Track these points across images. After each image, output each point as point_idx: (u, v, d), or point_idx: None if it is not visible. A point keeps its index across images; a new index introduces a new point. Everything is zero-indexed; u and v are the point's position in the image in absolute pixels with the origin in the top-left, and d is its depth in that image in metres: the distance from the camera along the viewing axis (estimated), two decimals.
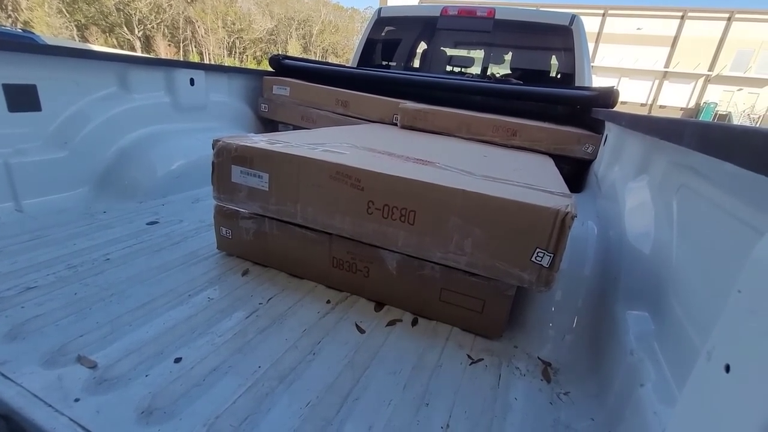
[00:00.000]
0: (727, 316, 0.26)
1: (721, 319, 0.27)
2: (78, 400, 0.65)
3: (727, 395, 0.24)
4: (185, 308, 0.93)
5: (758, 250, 0.25)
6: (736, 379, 0.24)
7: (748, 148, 0.33)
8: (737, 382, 0.24)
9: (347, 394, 0.74)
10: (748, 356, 0.23)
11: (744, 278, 0.25)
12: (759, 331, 0.22)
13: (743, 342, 0.24)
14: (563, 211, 0.76)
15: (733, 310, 0.25)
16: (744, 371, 0.24)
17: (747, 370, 0.23)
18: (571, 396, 0.80)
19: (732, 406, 0.23)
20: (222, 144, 1.04)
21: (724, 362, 0.25)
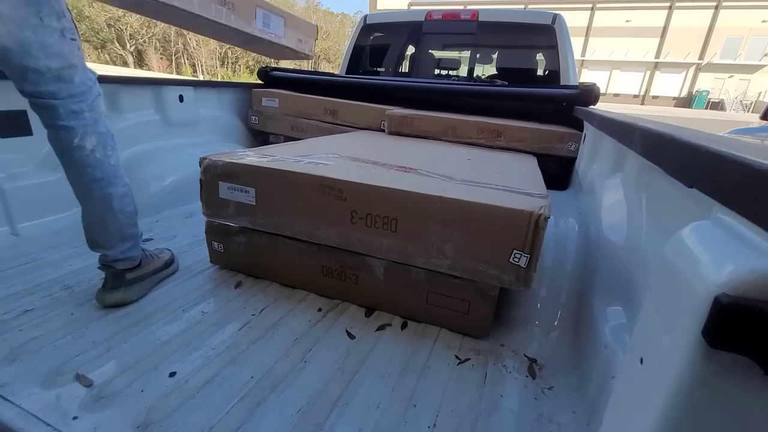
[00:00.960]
0: (642, 314, 0.29)
1: (639, 317, 0.29)
2: (76, 418, 0.68)
3: (641, 384, 0.27)
4: (179, 323, 0.96)
5: (665, 251, 0.27)
6: (647, 370, 0.27)
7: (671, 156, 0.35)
8: (648, 372, 0.26)
9: (337, 399, 0.77)
10: (654, 350, 0.26)
11: (652, 278, 0.28)
12: (660, 327, 0.25)
13: (650, 337, 0.27)
14: (536, 213, 0.79)
15: (645, 308, 0.28)
16: (651, 363, 0.26)
17: (653, 361, 0.26)
18: (554, 390, 0.83)
19: (644, 393, 0.26)
20: (208, 161, 1.07)
21: (639, 355, 0.27)
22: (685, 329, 0.23)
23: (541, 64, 2.89)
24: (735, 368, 0.22)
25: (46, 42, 0.75)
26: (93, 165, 0.89)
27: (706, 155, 0.29)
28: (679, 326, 0.23)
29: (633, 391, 0.28)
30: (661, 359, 0.25)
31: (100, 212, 0.93)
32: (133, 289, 1.01)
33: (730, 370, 0.22)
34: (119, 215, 0.95)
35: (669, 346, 0.24)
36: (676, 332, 0.24)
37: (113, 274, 0.98)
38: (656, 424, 0.24)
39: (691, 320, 0.22)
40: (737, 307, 0.21)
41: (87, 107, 0.86)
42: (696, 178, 0.32)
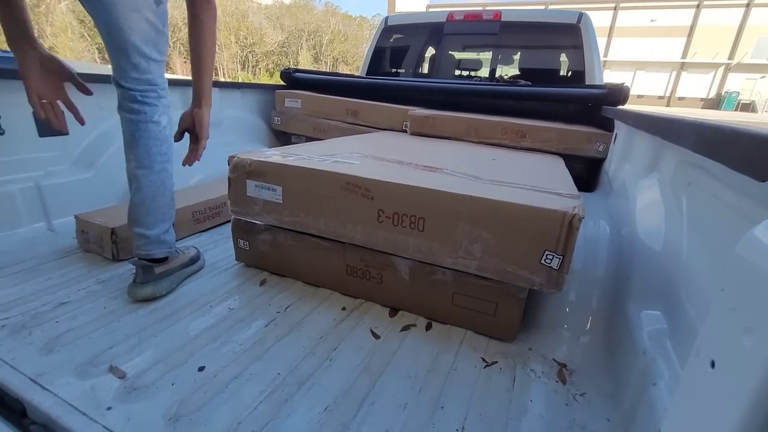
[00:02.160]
0: (713, 314, 0.27)
1: (707, 317, 0.28)
2: (110, 409, 0.69)
3: (713, 390, 0.25)
4: (207, 318, 0.97)
5: (739, 248, 0.26)
6: (720, 374, 0.25)
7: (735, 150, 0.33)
8: (721, 376, 0.25)
9: (364, 398, 0.76)
10: (730, 352, 0.24)
11: (726, 276, 0.26)
12: (738, 328, 0.24)
13: (725, 338, 0.25)
14: (570, 213, 0.77)
15: (717, 308, 0.26)
16: (726, 366, 0.25)
17: (729, 365, 0.24)
18: (586, 397, 0.80)
19: (717, 399, 0.24)
20: (237, 160, 1.08)
21: (710, 358, 0.26)
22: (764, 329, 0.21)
23: (565, 65, 2.83)
24: None
25: (159, 41, 0.95)
26: (163, 140, 1.00)
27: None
28: (762, 325, 0.22)
29: (702, 398, 0.26)
30: (740, 362, 0.23)
31: (155, 187, 1.00)
32: (162, 284, 1.04)
33: None
34: (167, 193, 1.04)
35: (750, 347, 0.22)
36: (759, 332, 0.22)
37: (143, 267, 1.02)
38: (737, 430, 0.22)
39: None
40: None
41: (164, 95, 1.02)
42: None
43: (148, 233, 1.02)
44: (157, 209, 1.02)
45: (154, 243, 1.03)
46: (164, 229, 1.04)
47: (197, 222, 1.47)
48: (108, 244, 1.19)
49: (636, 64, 24.70)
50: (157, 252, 1.04)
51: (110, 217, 1.24)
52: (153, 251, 1.03)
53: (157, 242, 1.03)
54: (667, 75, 24.67)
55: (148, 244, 1.02)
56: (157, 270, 1.04)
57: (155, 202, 1.01)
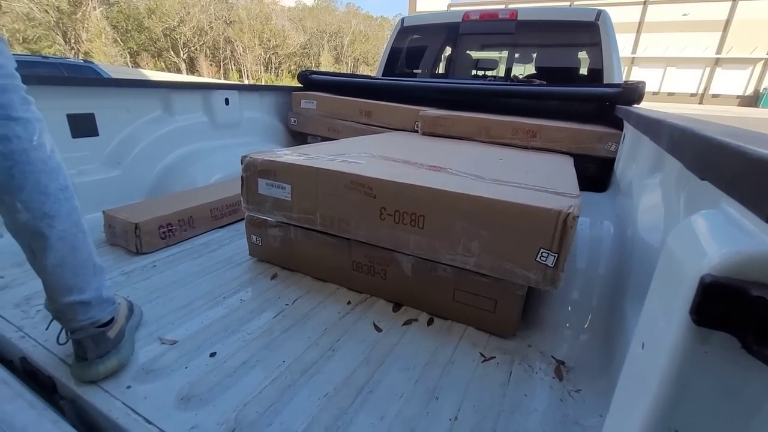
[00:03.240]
0: (647, 301, 0.29)
1: (644, 305, 0.30)
2: (129, 387, 0.76)
3: (641, 368, 0.27)
4: (220, 309, 1.03)
5: (668, 240, 0.28)
6: (646, 354, 0.27)
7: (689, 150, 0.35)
8: (647, 355, 0.27)
9: (362, 387, 0.80)
10: (653, 333, 0.27)
11: (658, 266, 0.28)
12: (659, 311, 0.26)
13: (650, 322, 0.27)
14: (565, 212, 0.79)
15: (649, 295, 0.29)
16: (650, 346, 0.27)
17: (651, 345, 0.26)
18: (582, 393, 0.82)
19: (644, 377, 0.26)
20: (249, 159, 1.14)
21: (641, 341, 0.28)
22: (677, 310, 0.23)
23: (584, 63, 2.78)
24: (721, 346, 0.22)
25: None
26: (55, 169, 0.72)
27: (715, 147, 0.29)
28: (673, 308, 0.24)
29: (634, 377, 0.29)
30: (658, 342, 0.25)
31: (72, 236, 0.74)
32: (125, 348, 0.82)
33: (716, 347, 0.22)
34: (86, 237, 0.77)
35: (663, 327, 0.25)
36: (670, 314, 0.24)
37: (94, 339, 0.76)
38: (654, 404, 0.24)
39: (682, 301, 0.23)
40: (719, 287, 0.21)
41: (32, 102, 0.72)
42: (706, 170, 0.32)
43: (86, 297, 0.76)
44: (83, 263, 0.76)
45: (96, 306, 0.78)
46: (100, 283, 0.79)
47: (215, 219, 1.54)
48: (132, 238, 1.28)
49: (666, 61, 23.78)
50: (104, 314, 0.79)
51: (134, 213, 1.33)
52: (98, 316, 0.77)
53: (99, 303, 0.78)
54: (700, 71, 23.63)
55: (90, 310, 0.76)
56: (110, 334, 0.79)
57: (77, 255, 0.75)
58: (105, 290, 0.81)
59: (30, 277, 1.12)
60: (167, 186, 1.76)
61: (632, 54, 23.85)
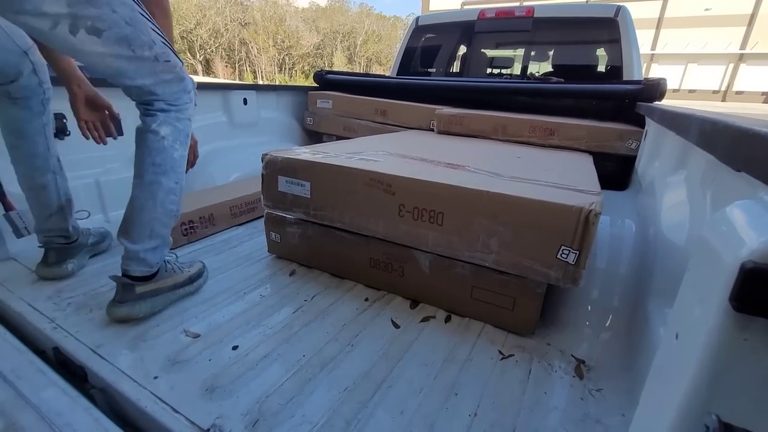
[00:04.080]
0: (680, 292, 0.29)
1: (677, 296, 0.30)
2: (156, 378, 0.78)
3: (676, 359, 0.27)
4: (241, 304, 1.05)
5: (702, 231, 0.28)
6: (681, 344, 0.27)
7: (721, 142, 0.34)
8: (681, 346, 0.27)
9: (381, 381, 0.81)
10: (687, 323, 0.27)
11: (691, 257, 0.28)
12: (694, 301, 0.26)
13: (685, 312, 0.27)
14: (587, 209, 0.78)
15: (683, 286, 0.28)
16: (685, 336, 0.27)
17: (687, 335, 0.26)
18: (603, 392, 0.81)
19: (679, 367, 0.26)
20: (270, 157, 1.16)
21: (675, 331, 0.28)
22: (715, 298, 0.23)
23: (602, 60, 2.74)
24: (761, 332, 0.22)
25: (141, 68, 0.88)
26: (158, 150, 0.93)
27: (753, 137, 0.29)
28: (710, 296, 0.24)
29: (668, 367, 0.28)
30: (693, 331, 0.25)
31: (144, 198, 0.94)
32: (141, 305, 0.95)
33: (756, 333, 0.22)
34: (159, 207, 0.95)
35: (700, 316, 0.25)
36: (707, 302, 0.24)
37: (123, 285, 0.94)
38: (691, 392, 0.24)
39: (720, 289, 0.23)
40: (760, 273, 0.21)
41: (175, 109, 0.96)
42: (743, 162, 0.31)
43: (130, 247, 0.94)
44: (143, 224, 0.94)
45: (134, 259, 0.94)
46: (149, 246, 0.95)
47: (234, 216, 1.57)
48: None
49: (688, 57, 23.13)
50: (136, 270, 0.95)
51: None
52: (131, 268, 0.94)
53: (137, 259, 0.94)
54: (722, 68, 22.91)
55: (128, 259, 0.95)
56: (138, 290, 0.95)
57: (141, 215, 0.94)
58: (150, 254, 0.96)
59: None
60: (187, 185, 1.78)
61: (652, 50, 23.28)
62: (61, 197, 1.13)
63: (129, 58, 0.85)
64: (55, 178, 1.12)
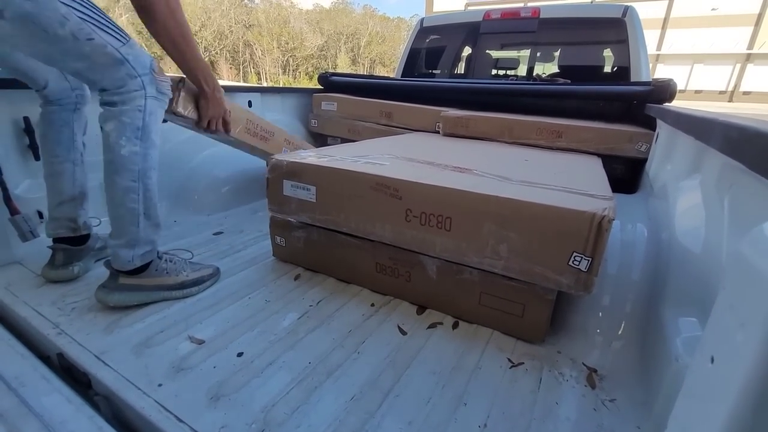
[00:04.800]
0: (714, 312, 0.27)
1: (710, 316, 0.28)
2: (161, 385, 0.77)
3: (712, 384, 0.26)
4: (246, 309, 1.04)
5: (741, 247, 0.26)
6: (718, 369, 0.25)
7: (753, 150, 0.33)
8: (718, 371, 0.25)
9: (389, 390, 0.79)
10: (726, 348, 0.25)
11: (727, 275, 0.27)
12: (734, 324, 0.24)
13: (723, 335, 0.25)
14: (599, 215, 0.76)
15: (718, 305, 0.27)
16: (723, 361, 0.25)
17: (725, 360, 0.25)
18: (617, 403, 0.79)
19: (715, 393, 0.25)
20: (275, 161, 1.15)
21: (710, 354, 0.26)
22: (760, 323, 0.22)
23: (609, 61, 2.71)
24: None
25: (63, 49, 0.81)
26: (106, 147, 0.92)
27: None
28: (754, 321, 0.22)
29: (702, 392, 0.27)
30: (733, 357, 0.24)
31: (107, 195, 0.95)
32: (116, 295, 0.98)
33: None
34: (120, 207, 0.94)
35: (742, 342, 0.23)
36: (750, 327, 0.23)
37: (110, 273, 0.99)
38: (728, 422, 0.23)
39: (765, 314, 0.21)
40: None
41: (119, 99, 0.89)
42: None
43: (108, 241, 0.98)
44: (112, 220, 0.96)
45: (111, 253, 0.97)
46: (119, 242, 0.96)
47: (248, 131, 1.45)
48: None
49: (694, 57, 22.95)
50: (113, 262, 0.97)
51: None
52: (111, 260, 0.98)
53: (113, 253, 0.96)
54: (729, 68, 22.72)
55: (111, 249, 0.97)
56: (121, 280, 0.98)
57: (110, 212, 0.95)
58: (124, 250, 0.96)
59: None
60: (192, 187, 1.79)
61: (657, 51, 23.12)
62: (75, 188, 1.15)
63: (43, 38, 0.77)
64: (74, 169, 1.14)
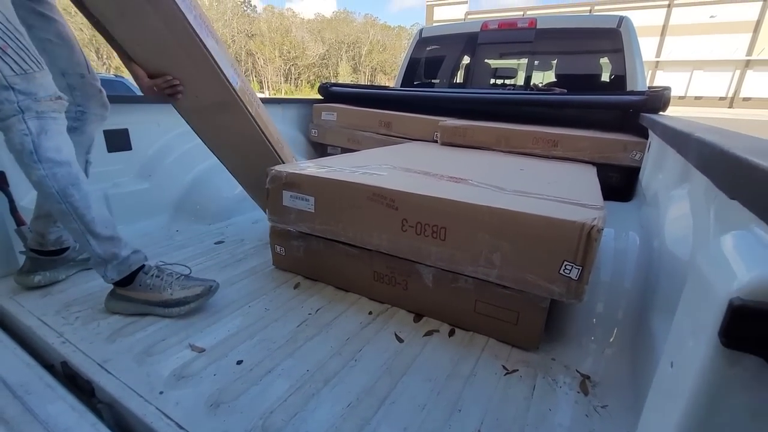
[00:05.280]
0: (675, 320, 0.29)
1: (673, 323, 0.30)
2: (162, 393, 0.79)
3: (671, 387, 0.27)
4: (246, 318, 1.06)
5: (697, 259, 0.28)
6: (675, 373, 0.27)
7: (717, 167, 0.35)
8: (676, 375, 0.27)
9: (384, 397, 0.81)
10: (682, 353, 0.27)
11: (686, 285, 0.29)
12: (689, 332, 0.26)
13: (680, 341, 0.27)
14: (589, 225, 0.78)
15: (678, 314, 0.29)
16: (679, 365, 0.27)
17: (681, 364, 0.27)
18: (608, 409, 0.80)
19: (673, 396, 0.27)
20: (274, 172, 1.18)
21: (671, 360, 0.28)
22: (706, 331, 0.24)
23: (605, 69, 2.75)
24: (750, 368, 0.22)
25: None
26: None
27: (747, 167, 0.29)
28: (702, 329, 0.24)
29: (663, 395, 0.29)
30: (687, 362, 0.26)
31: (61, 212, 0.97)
32: (112, 303, 1.05)
33: (745, 370, 0.22)
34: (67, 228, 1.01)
35: (693, 348, 0.25)
36: (699, 335, 0.25)
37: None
38: (683, 424, 0.25)
39: (711, 322, 0.23)
40: (749, 310, 0.22)
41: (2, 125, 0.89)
42: (736, 190, 0.31)
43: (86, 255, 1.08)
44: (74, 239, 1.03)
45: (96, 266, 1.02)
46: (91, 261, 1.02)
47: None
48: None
49: (693, 64, 23.06)
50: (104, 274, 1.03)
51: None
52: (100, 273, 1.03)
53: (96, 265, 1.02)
54: (729, 74, 22.80)
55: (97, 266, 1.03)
56: (116, 290, 1.05)
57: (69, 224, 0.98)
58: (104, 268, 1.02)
59: (69, 284, 1.19)
60: (194, 197, 1.82)
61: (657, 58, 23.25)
62: None
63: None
64: None
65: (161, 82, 1.06)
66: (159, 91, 1.08)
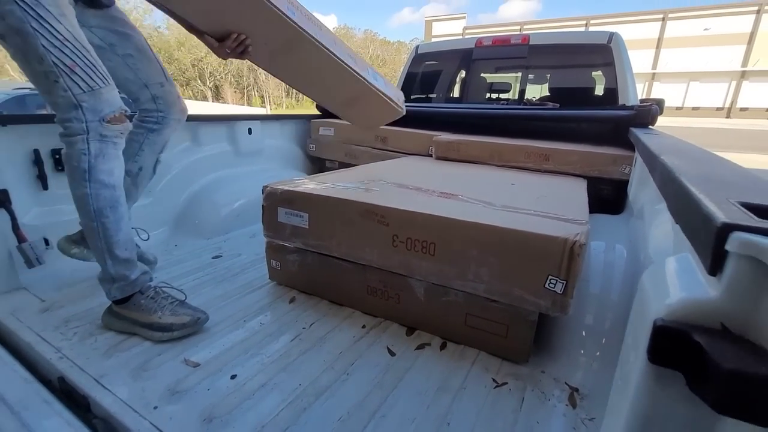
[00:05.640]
0: (625, 336, 0.31)
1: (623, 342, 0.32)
2: (156, 408, 0.81)
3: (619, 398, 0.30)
4: (241, 332, 1.08)
5: (641, 279, 0.30)
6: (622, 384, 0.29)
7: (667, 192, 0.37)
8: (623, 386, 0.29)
9: (375, 411, 0.82)
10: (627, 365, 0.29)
11: (634, 302, 0.31)
12: (632, 346, 0.28)
13: (626, 355, 0.29)
14: (572, 240, 0.80)
15: (628, 330, 0.31)
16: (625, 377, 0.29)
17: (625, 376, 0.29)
18: (596, 422, 0.81)
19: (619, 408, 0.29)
20: (270, 189, 1.21)
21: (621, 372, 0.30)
22: (641, 347, 0.26)
23: (598, 83, 2.80)
24: (673, 382, 0.24)
25: (36, 80, 0.90)
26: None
27: (684, 195, 0.32)
28: (638, 345, 0.27)
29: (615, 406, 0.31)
30: (628, 375, 0.28)
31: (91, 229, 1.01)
32: (108, 318, 1.07)
33: (670, 383, 0.25)
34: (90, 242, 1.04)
35: (632, 363, 0.27)
36: (636, 350, 0.27)
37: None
38: None
39: (643, 340, 0.26)
40: (667, 330, 0.24)
41: (66, 141, 0.95)
42: (677, 215, 0.34)
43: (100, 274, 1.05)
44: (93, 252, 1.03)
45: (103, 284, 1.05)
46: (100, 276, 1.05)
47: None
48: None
49: (689, 75, 23.33)
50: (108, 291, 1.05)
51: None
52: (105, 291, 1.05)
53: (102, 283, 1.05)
54: (725, 85, 23.04)
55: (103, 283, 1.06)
56: (112, 306, 1.06)
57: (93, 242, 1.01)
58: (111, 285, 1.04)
59: (68, 300, 1.21)
60: (193, 212, 1.85)
61: (653, 70, 23.55)
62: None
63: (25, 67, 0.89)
64: (126, 179, 1.16)
65: (230, 42, 1.03)
66: (232, 52, 1.06)
